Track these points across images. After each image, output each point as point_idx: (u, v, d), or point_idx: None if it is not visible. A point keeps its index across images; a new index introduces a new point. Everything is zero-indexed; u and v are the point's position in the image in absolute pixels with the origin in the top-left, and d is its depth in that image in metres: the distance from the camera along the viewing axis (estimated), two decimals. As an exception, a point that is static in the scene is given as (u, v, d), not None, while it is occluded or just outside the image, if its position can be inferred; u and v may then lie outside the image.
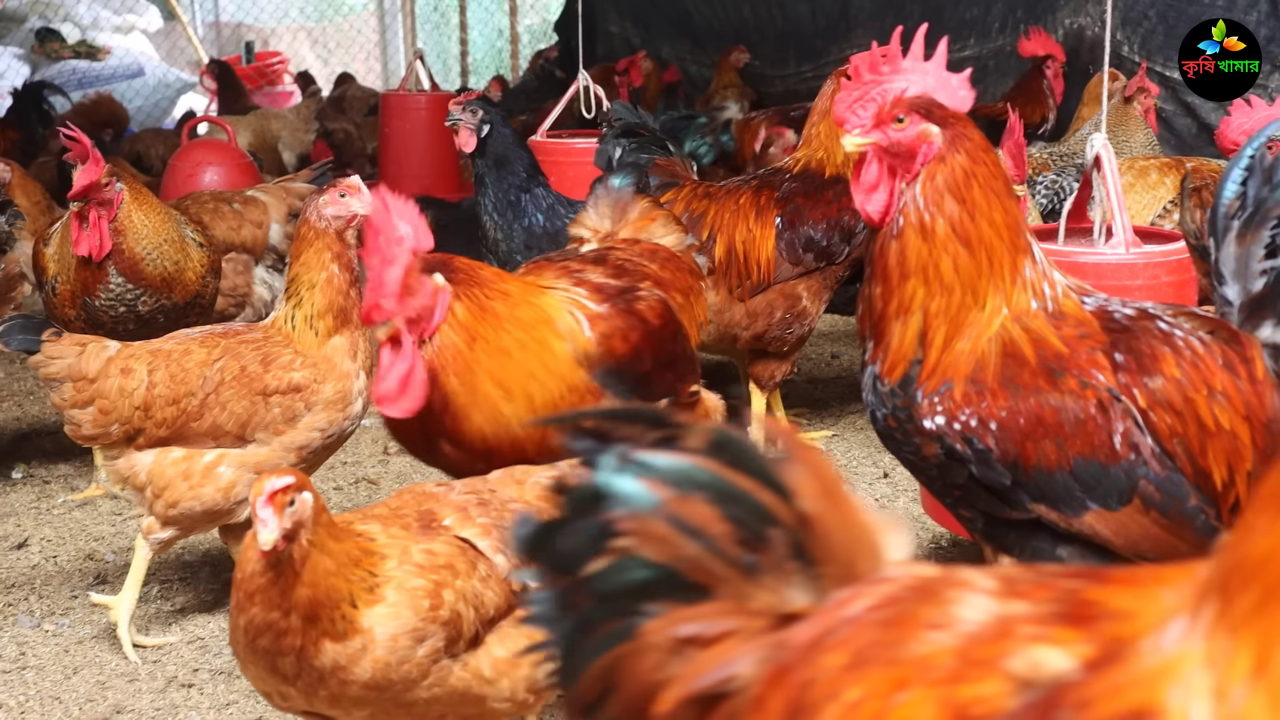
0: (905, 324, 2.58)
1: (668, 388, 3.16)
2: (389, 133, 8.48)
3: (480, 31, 15.87)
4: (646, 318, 3.13)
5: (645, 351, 3.07)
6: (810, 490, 1.23)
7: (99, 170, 3.99)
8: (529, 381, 2.92)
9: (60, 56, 12.39)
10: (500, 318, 2.93)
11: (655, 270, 3.41)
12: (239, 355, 3.65)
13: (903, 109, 2.59)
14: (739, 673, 1.21)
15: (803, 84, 10.11)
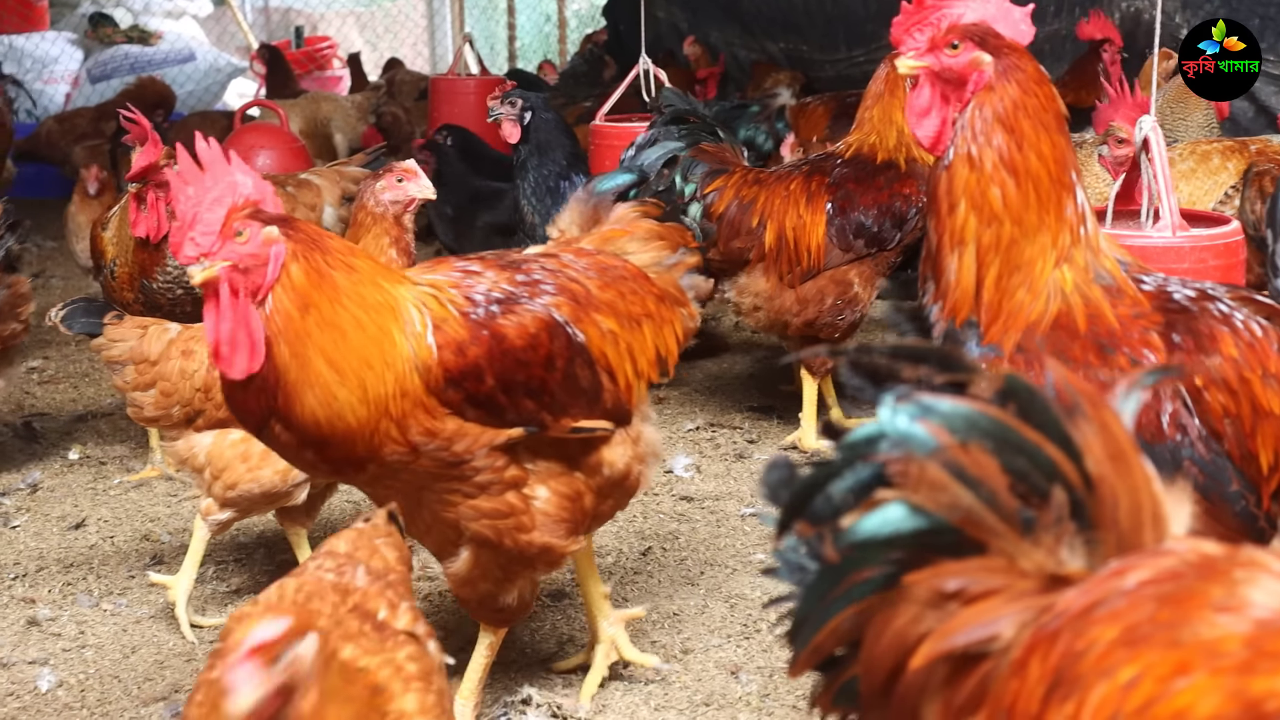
0: (961, 257, 2.55)
1: (527, 416, 2.82)
2: (438, 117, 8.50)
3: (528, 16, 15.88)
4: (503, 334, 2.81)
5: (486, 370, 2.76)
6: (1099, 450, 1.17)
7: (158, 152, 4.03)
8: (364, 369, 2.66)
9: (113, 41, 12.49)
10: (339, 290, 2.65)
11: (586, 288, 3.03)
12: None
13: (957, 35, 2.58)
14: (1001, 633, 1.16)
15: (854, 69, 10.05)
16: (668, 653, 3.55)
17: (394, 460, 2.74)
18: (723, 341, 6.52)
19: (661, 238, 3.29)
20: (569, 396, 2.90)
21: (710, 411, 5.50)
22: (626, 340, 3.05)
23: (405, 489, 2.83)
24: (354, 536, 2.44)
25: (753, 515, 4.44)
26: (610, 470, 3.03)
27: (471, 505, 2.85)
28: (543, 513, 2.92)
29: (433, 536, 2.98)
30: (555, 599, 3.86)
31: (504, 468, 2.83)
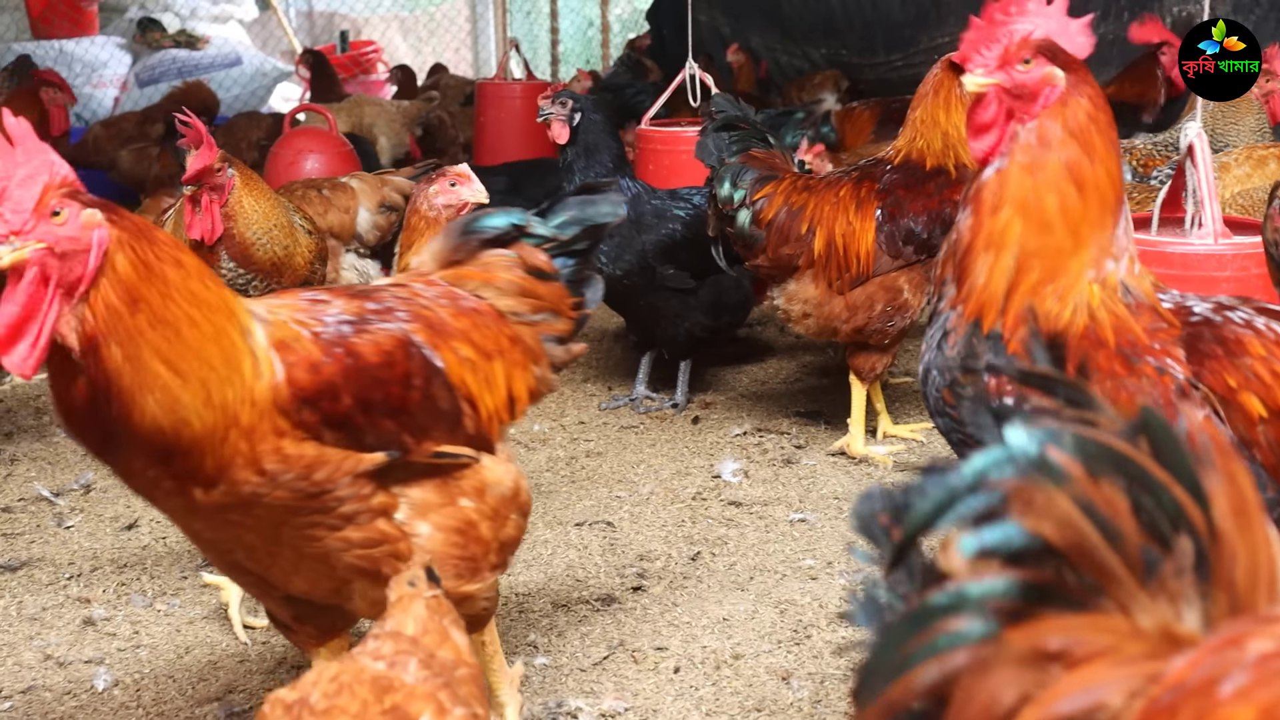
0: (996, 260, 2.53)
1: (387, 438, 2.63)
2: (484, 121, 8.56)
3: (571, 20, 15.91)
4: (358, 351, 2.62)
5: (342, 389, 2.56)
6: (1225, 501, 1.07)
7: (212, 155, 4.07)
8: (206, 370, 2.43)
9: (161, 46, 12.58)
10: (170, 284, 2.41)
11: (439, 316, 2.84)
12: None
13: (1029, 50, 2.58)
14: (1108, 701, 1.04)
15: (892, 73, 10.04)
16: (718, 657, 3.55)
17: (248, 491, 2.49)
18: (767, 347, 6.51)
19: (525, 294, 2.99)
20: (429, 418, 2.71)
21: (757, 417, 5.49)
22: (484, 370, 2.85)
23: (261, 527, 2.58)
24: (426, 616, 2.28)
25: (801, 521, 4.43)
26: (500, 488, 2.82)
27: (339, 537, 2.62)
28: (427, 552, 2.67)
29: (302, 577, 2.72)
30: (605, 604, 3.87)
31: (370, 495, 2.62)
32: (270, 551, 2.64)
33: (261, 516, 2.55)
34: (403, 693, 2.04)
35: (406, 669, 2.11)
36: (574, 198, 3.15)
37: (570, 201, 3.14)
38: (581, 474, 4.91)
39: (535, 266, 3.02)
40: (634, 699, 3.36)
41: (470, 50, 16.30)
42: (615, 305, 5.91)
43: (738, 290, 5.64)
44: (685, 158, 5.98)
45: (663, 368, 5.77)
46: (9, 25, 12.45)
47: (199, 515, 2.57)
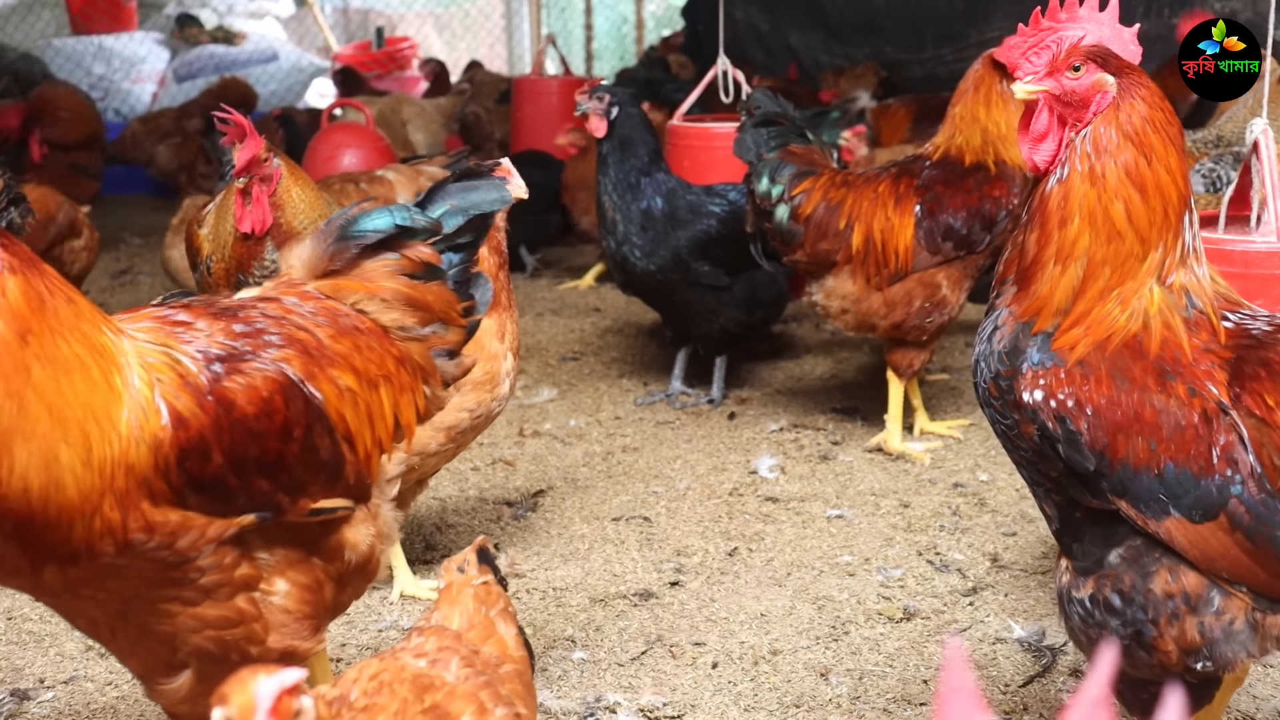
0: (1063, 270, 2.53)
1: (260, 499, 2.31)
2: (520, 117, 8.57)
3: (605, 17, 15.92)
4: (231, 400, 2.28)
5: (213, 446, 2.23)
6: None
7: (258, 145, 4.08)
8: (90, 423, 2.12)
9: (198, 41, 12.67)
10: (63, 321, 2.14)
11: (316, 338, 2.52)
12: None
13: (1079, 57, 2.56)
14: None
15: (941, 68, 9.99)
16: (756, 653, 3.54)
17: (104, 563, 2.17)
18: (802, 343, 6.50)
19: (412, 305, 2.67)
20: (308, 472, 2.40)
21: (793, 413, 5.48)
22: (365, 401, 2.55)
23: (109, 601, 2.27)
24: (473, 609, 2.25)
25: (838, 517, 4.42)
26: (353, 554, 2.54)
27: (193, 614, 2.31)
28: (282, 609, 2.41)
29: (139, 657, 2.42)
30: (642, 599, 3.87)
31: (234, 565, 2.32)
32: (113, 627, 2.34)
33: (114, 590, 2.24)
34: (443, 692, 2.03)
35: (448, 667, 2.10)
36: (454, 184, 2.78)
37: (450, 189, 2.77)
38: (618, 469, 4.91)
39: (422, 263, 2.67)
40: (672, 694, 3.36)
41: (505, 46, 16.33)
42: (649, 301, 5.91)
43: (773, 286, 5.63)
44: (718, 154, 5.99)
45: (698, 363, 5.76)
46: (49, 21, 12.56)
47: (43, 594, 2.29)
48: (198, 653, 2.35)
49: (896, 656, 3.52)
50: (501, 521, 4.44)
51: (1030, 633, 3.60)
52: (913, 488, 4.67)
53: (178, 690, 2.42)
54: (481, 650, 2.20)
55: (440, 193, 2.76)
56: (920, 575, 3.99)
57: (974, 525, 4.34)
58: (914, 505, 4.51)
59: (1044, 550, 4.09)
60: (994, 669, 3.45)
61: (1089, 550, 2.54)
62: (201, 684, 2.37)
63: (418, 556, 4.12)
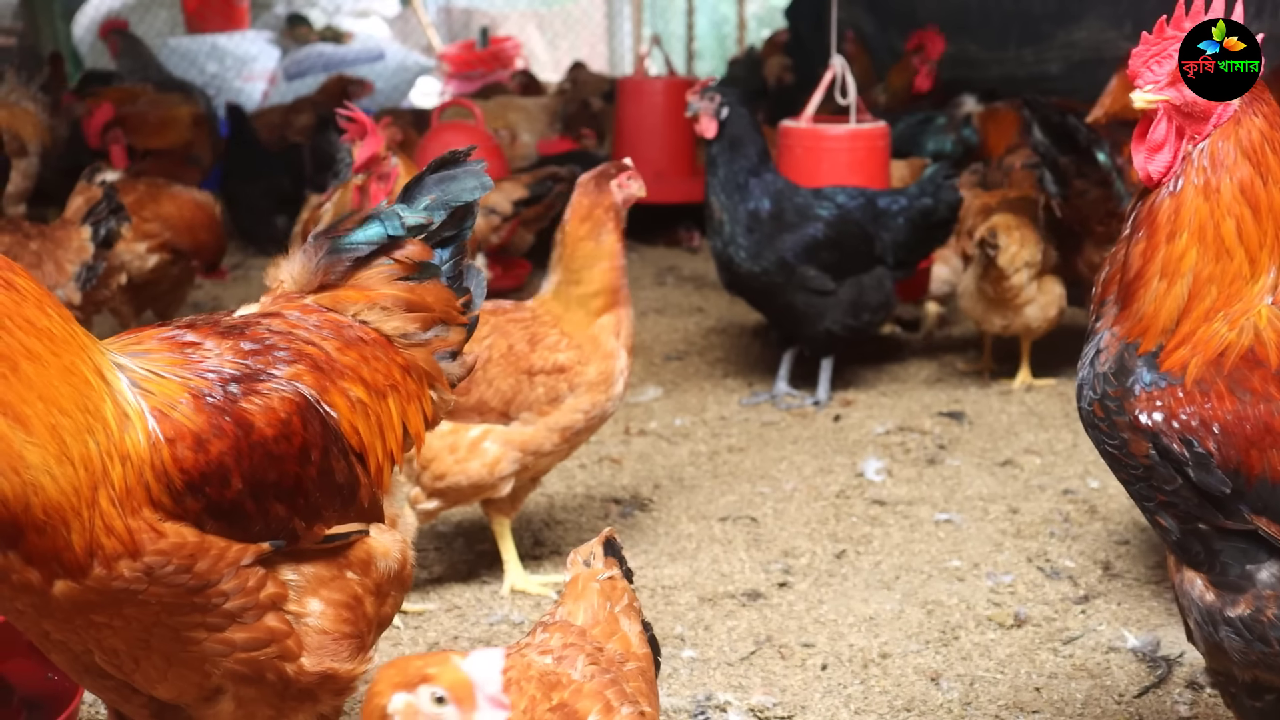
0: (1169, 288, 2.47)
1: (277, 526, 2.22)
2: (624, 117, 8.59)
3: (707, 17, 15.92)
4: (250, 422, 2.19)
5: (233, 470, 2.15)
6: None
7: (379, 143, 4.16)
8: (54, 415, 1.98)
9: (307, 40, 12.89)
10: (9, 325, 1.98)
11: (325, 352, 2.44)
12: (507, 334, 3.78)
13: None
14: None
15: (1020, 69, 9.88)
16: (866, 656, 3.54)
17: (119, 586, 2.07)
18: (907, 345, 6.46)
19: (413, 309, 2.59)
20: (324, 497, 2.32)
21: (899, 415, 5.46)
22: (376, 412, 2.48)
23: (129, 629, 2.17)
24: (598, 604, 2.25)
25: (946, 521, 4.40)
26: (386, 562, 2.45)
27: (220, 639, 2.21)
28: (319, 631, 2.30)
29: (168, 684, 2.29)
30: (750, 599, 3.88)
31: (259, 586, 2.21)
32: (135, 656, 2.22)
33: (132, 617, 2.13)
34: (570, 690, 2.02)
35: (575, 665, 2.10)
36: (431, 175, 2.65)
37: (428, 181, 2.64)
38: (724, 469, 4.93)
39: (415, 263, 2.58)
40: (782, 694, 3.37)
41: (606, 46, 16.40)
42: (754, 303, 5.92)
43: (879, 290, 5.61)
44: (827, 156, 5.98)
45: (803, 364, 5.76)
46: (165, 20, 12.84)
47: (54, 616, 2.12)
48: (231, 676, 2.27)
49: (1008, 663, 3.50)
50: (609, 519, 4.48)
51: (1145, 642, 3.56)
52: (1021, 493, 4.64)
53: (220, 714, 2.35)
54: (606, 647, 2.21)
55: (419, 187, 2.64)
56: (1030, 582, 3.96)
57: (1085, 532, 4.30)
58: (1023, 511, 4.48)
59: (1157, 560, 4.04)
60: (1107, 678, 3.42)
61: (1229, 566, 2.47)
62: (243, 708, 2.32)
63: (526, 552, 4.17)
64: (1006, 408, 5.52)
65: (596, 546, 2.39)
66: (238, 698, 2.30)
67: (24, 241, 5.06)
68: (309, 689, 2.33)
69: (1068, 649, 3.57)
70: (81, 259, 5.07)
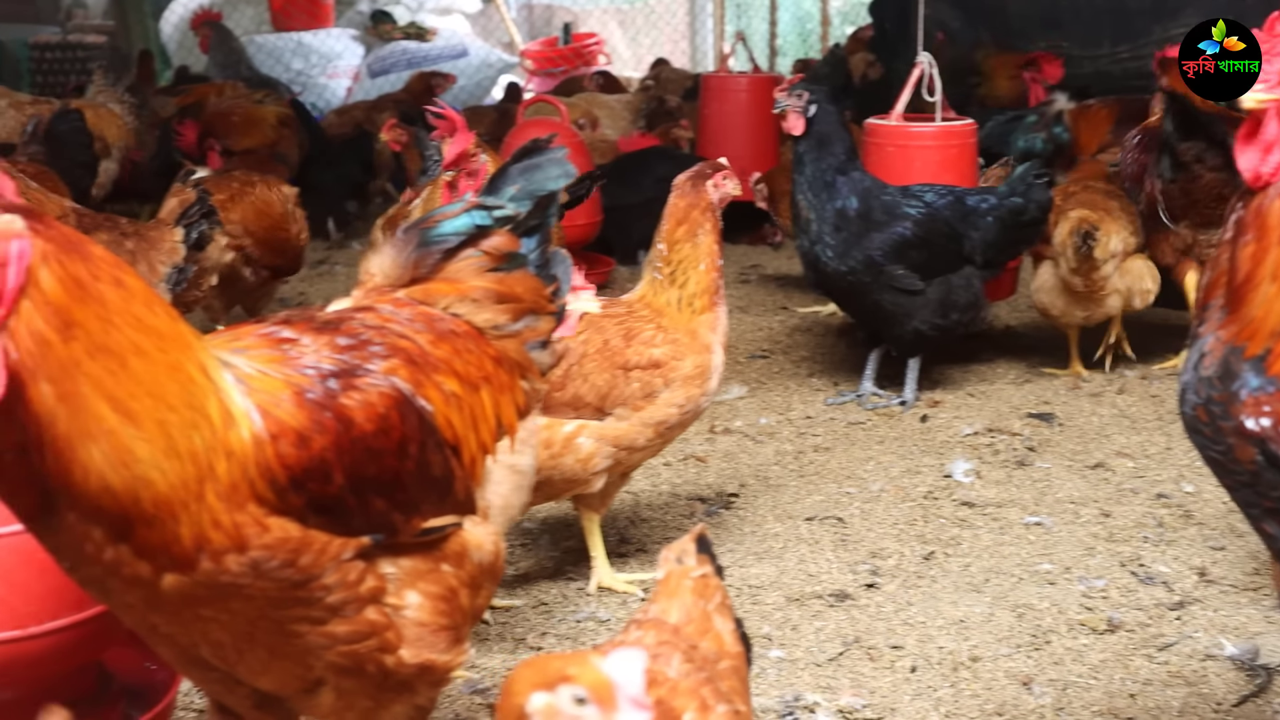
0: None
1: (377, 520, 2.23)
2: (708, 114, 8.58)
3: (790, 13, 15.86)
4: (350, 418, 2.21)
5: (334, 466, 2.16)
6: None
7: (468, 140, 4.18)
8: (163, 410, 2.00)
9: (391, 37, 12.99)
10: (109, 307, 1.98)
11: (418, 345, 2.44)
12: (602, 329, 3.79)
13: None
14: None
15: (1114, 65, 9.72)
16: (955, 659, 3.51)
17: (227, 581, 2.08)
18: (994, 345, 6.39)
19: (503, 300, 2.58)
20: (421, 491, 2.33)
21: (986, 416, 5.40)
22: (469, 405, 2.47)
23: (235, 623, 2.18)
24: (691, 602, 2.23)
25: (1037, 524, 4.35)
26: (480, 554, 2.45)
27: (322, 633, 2.22)
28: (417, 623, 2.32)
29: (271, 676, 2.32)
30: (838, 599, 3.86)
31: (359, 580, 2.22)
32: (240, 649, 2.24)
33: (237, 611, 2.15)
34: (666, 688, 2.00)
35: (670, 663, 2.08)
36: (515, 166, 2.66)
37: (512, 172, 2.65)
38: (810, 469, 4.90)
39: (503, 254, 2.58)
40: (871, 696, 3.35)
41: (688, 42, 16.38)
42: (840, 302, 5.89)
43: (968, 290, 5.55)
44: (916, 153, 5.93)
45: (890, 364, 5.71)
46: (252, 18, 12.99)
47: (162, 609, 2.13)
48: (332, 668, 2.28)
49: (1101, 669, 3.46)
50: (694, 518, 4.47)
51: (1243, 650, 3.50)
52: (1113, 497, 4.57)
53: (321, 704, 2.36)
54: (700, 645, 2.20)
55: (503, 178, 2.66)
56: (1124, 587, 3.90)
57: (1179, 538, 4.23)
58: (1115, 515, 4.41)
59: (1255, 566, 3.97)
60: (1204, 687, 3.36)
61: None
62: (343, 699, 2.34)
63: (612, 549, 4.16)
64: (1097, 410, 5.44)
65: (689, 544, 2.38)
66: (338, 689, 2.32)
67: (120, 240, 5.14)
68: (407, 681, 2.34)
69: (1163, 656, 3.51)
70: (173, 260, 5.14)
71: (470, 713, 3.32)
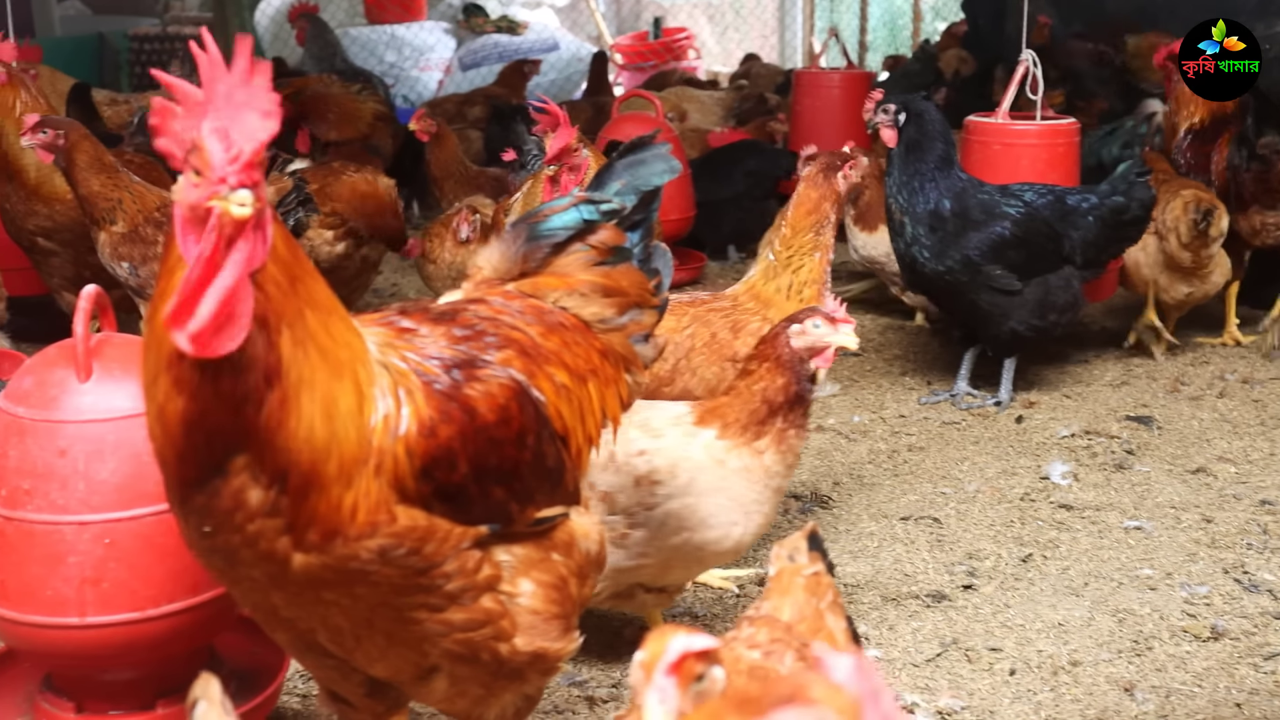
0: None
1: (495, 509, 2.25)
2: (800, 109, 8.56)
3: (881, 7, 15.75)
4: (474, 408, 2.22)
5: (459, 454, 2.17)
6: None
7: (570, 135, 4.20)
8: (358, 364, 2.08)
9: (483, 31, 13.07)
10: (306, 267, 2.05)
11: (529, 337, 2.45)
12: (709, 322, 3.82)
13: None
14: None
15: (1213, 65, 9.57)
16: (1055, 663, 3.48)
17: (355, 566, 2.10)
18: (1090, 346, 6.32)
19: (609, 294, 2.60)
20: (536, 481, 2.35)
21: (1083, 418, 5.35)
22: (578, 397, 2.49)
23: (356, 608, 2.19)
24: (803, 600, 2.22)
25: (1136, 529, 4.30)
26: (586, 544, 2.47)
27: (440, 620, 2.24)
28: (530, 611, 2.33)
29: (387, 663, 2.33)
30: (935, 600, 3.84)
31: (476, 568, 2.23)
32: (358, 635, 2.26)
33: (360, 597, 2.17)
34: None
35: (782, 660, 2.09)
36: (620, 161, 2.70)
37: (617, 167, 2.70)
38: (904, 468, 4.88)
39: (610, 248, 2.61)
40: (969, 698, 3.33)
41: (777, 37, 16.33)
42: (936, 301, 5.85)
43: (1067, 290, 5.49)
44: (1016, 152, 5.87)
45: (984, 363, 5.67)
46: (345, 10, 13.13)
47: (286, 588, 2.14)
48: (448, 656, 2.30)
49: (1205, 676, 3.41)
50: (789, 515, 4.46)
51: (1351, 661, 3.44)
52: (1215, 502, 4.51)
53: (434, 692, 2.39)
54: (811, 645, 2.21)
55: (609, 173, 2.69)
56: (1227, 594, 3.85)
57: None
58: (1217, 521, 4.35)
59: (1362, 576, 3.90)
60: (1312, 697, 3.31)
61: None
62: (456, 686, 2.36)
63: (708, 545, 4.17)
64: (1197, 413, 5.37)
65: (800, 541, 2.38)
66: (452, 676, 2.34)
67: None
68: (519, 669, 2.36)
69: (1269, 665, 3.47)
70: None
71: (569, 704, 3.34)
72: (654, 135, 2.76)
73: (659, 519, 3.16)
